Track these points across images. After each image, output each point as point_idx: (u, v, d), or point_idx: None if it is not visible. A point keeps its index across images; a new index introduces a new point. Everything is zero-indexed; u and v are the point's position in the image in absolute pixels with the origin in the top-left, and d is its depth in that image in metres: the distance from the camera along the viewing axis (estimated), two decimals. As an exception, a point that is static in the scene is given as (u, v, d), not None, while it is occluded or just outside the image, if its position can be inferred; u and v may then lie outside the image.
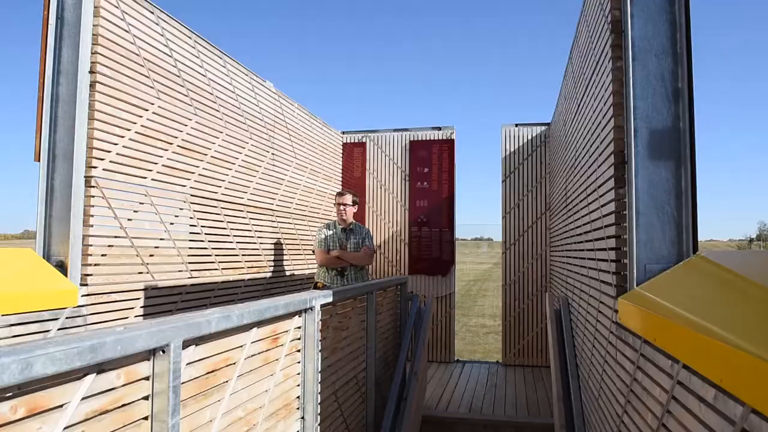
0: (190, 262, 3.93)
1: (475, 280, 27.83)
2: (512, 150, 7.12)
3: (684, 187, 2.34)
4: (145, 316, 3.44)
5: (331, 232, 5.02)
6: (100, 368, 1.31)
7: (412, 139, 7.30)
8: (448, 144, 7.20)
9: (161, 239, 3.65)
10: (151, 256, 3.54)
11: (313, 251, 4.95)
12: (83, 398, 1.26)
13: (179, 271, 3.82)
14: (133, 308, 3.37)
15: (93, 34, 3.15)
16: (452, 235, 7.10)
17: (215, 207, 4.24)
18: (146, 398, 1.47)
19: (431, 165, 7.17)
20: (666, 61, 2.38)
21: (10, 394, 1.09)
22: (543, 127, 7.08)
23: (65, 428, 1.22)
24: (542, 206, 6.96)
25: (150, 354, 1.47)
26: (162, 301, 3.62)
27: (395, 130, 7.43)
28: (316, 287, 4.92)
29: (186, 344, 1.59)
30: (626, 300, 2.32)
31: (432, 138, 7.25)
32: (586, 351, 3.59)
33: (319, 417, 2.64)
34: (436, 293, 7.03)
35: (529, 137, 7.09)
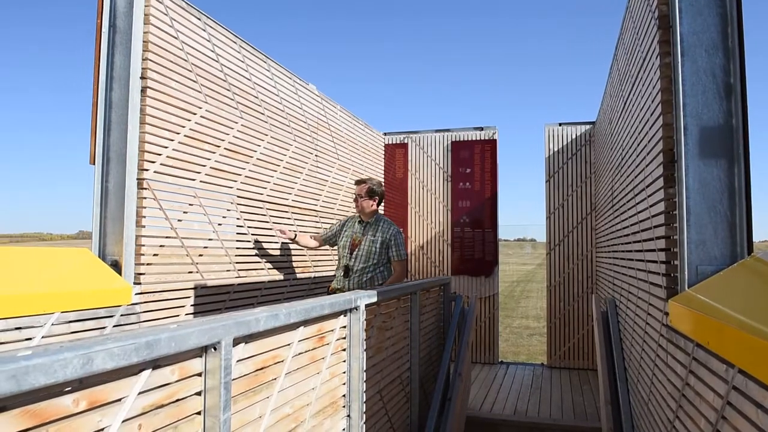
0: (237, 262, 4.01)
1: (518, 281, 27.49)
2: (556, 149, 7.01)
3: (738, 186, 2.26)
4: (195, 314, 3.53)
5: (349, 224, 4.53)
6: (155, 364, 1.36)
7: (453, 139, 7.27)
8: (491, 144, 7.14)
9: (209, 239, 3.74)
10: (200, 255, 3.64)
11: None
12: (140, 392, 1.31)
13: (227, 270, 3.91)
14: (183, 306, 3.46)
15: (143, 41, 3.25)
16: (495, 236, 7.04)
17: (261, 208, 4.32)
18: (199, 394, 1.52)
19: (473, 165, 7.13)
20: (717, 57, 2.30)
21: (72, 388, 1.14)
22: (587, 126, 6.95)
23: (123, 421, 1.27)
24: (587, 206, 6.83)
25: (202, 351, 1.51)
26: (211, 299, 3.71)
27: (437, 131, 7.42)
28: (329, 291, 4.46)
29: (236, 342, 1.63)
30: (677, 302, 2.26)
31: (474, 138, 7.21)
32: (635, 354, 3.51)
33: (364, 415, 2.66)
34: (479, 294, 6.99)
35: (573, 136, 6.97)
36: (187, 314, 3.49)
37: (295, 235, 4.54)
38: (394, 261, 4.26)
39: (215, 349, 1.52)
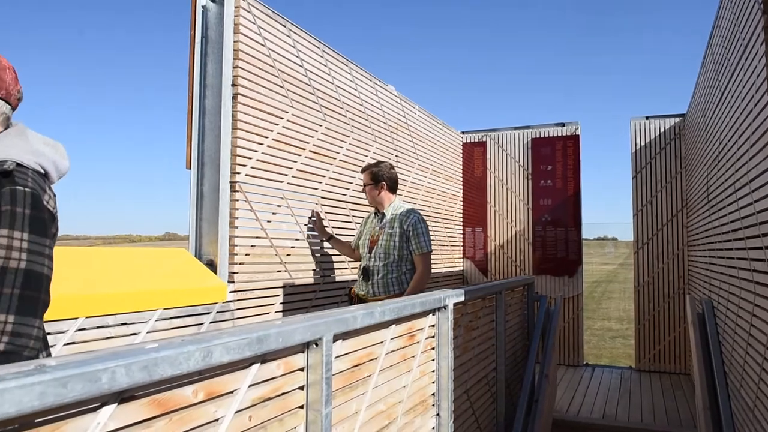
0: (322, 262, 4.11)
1: (599, 282, 26.53)
2: (643, 144, 6.72)
3: None
4: (283, 312, 3.65)
5: (369, 219, 3.91)
6: (263, 358, 1.41)
7: (534, 136, 7.13)
8: (573, 140, 6.95)
9: (297, 239, 3.85)
10: (288, 255, 3.75)
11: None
12: (250, 385, 1.37)
13: (313, 270, 4.01)
14: (273, 305, 3.58)
15: (234, 50, 3.38)
16: (579, 235, 6.84)
17: (344, 208, 4.40)
18: (301, 388, 1.57)
19: (555, 162, 6.96)
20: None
21: (192, 379, 1.21)
22: (677, 119, 6.62)
23: (236, 412, 1.33)
24: (678, 203, 6.51)
25: (304, 347, 1.56)
26: (298, 298, 3.82)
27: (516, 128, 7.29)
28: (349, 296, 3.86)
29: (335, 338, 1.67)
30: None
31: (555, 134, 7.03)
32: (737, 357, 3.31)
33: (453, 414, 2.65)
34: (562, 294, 6.81)
35: (661, 130, 6.66)
36: (276, 312, 3.61)
37: (331, 237, 4.08)
38: (414, 255, 3.57)
39: (317, 345, 1.56)
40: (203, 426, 1.24)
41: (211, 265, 3.28)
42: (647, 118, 6.75)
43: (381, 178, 3.71)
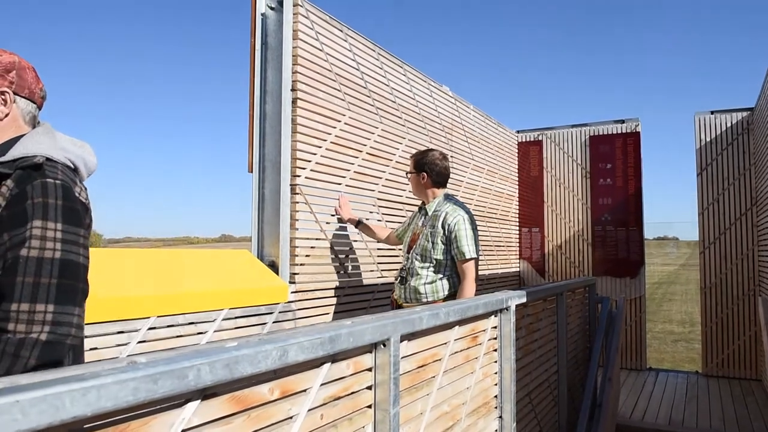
0: (379, 263, 4.13)
1: (660, 283, 25.61)
2: (708, 140, 6.46)
3: None
4: (343, 312, 3.69)
5: (415, 214, 3.55)
6: (334, 358, 1.44)
7: (592, 134, 6.96)
8: (633, 137, 6.74)
9: (355, 241, 3.89)
10: (346, 256, 3.79)
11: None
12: (322, 384, 1.40)
13: (371, 270, 4.04)
14: (333, 305, 3.63)
15: (293, 56, 3.45)
16: (641, 234, 6.63)
17: (401, 210, 4.41)
18: (369, 388, 1.59)
19: (614, 160, 6.77)
20: None
21: (268, 377, 1.24)
22: (744, 114, 6.33)
23: (308, 410, 1.35)
24: (747, 201, 6.22)
25: (372, 347, 1.58)
26: (357, 299, 3.86)
27: (573, 126, 7.14)
28: (392, 302, 3.51)
29: (401, 339, 1.68)
30: None
31: (614, 132, 6.84)
32: (818, 364, 3.14)
33: (515, 417, 2.62)
34: (624, 296, 6.61)
35: (728, 125, 6.38)
36: (336, 312, 3.66)
37: (359, 222, 3.74)
38: (457, 261, 3.16)
39: (384, 345, 1.58)
40: (278, 423, 1.27)
41: (273, 266, 3.35)
42: (712, 113, 6.48)
43: (423, 166, 3.32)
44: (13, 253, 1.27)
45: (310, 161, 3.49)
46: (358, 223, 3.76)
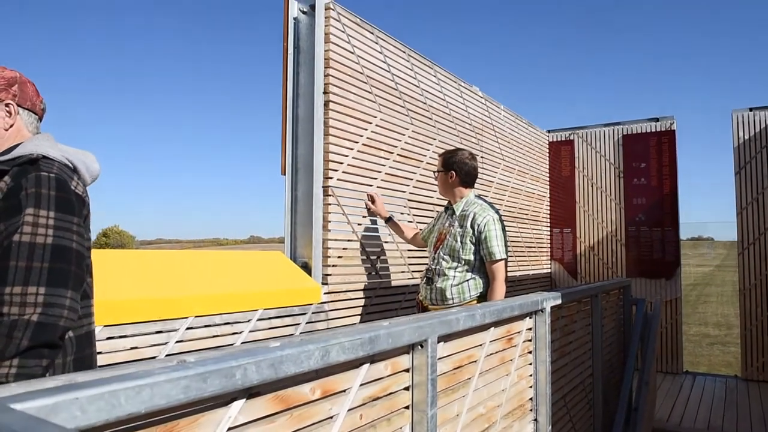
0: (410, 264, 4.14)
1: (695, 285, 25.03)
2: (747, 137, 6.30)
3: None
4: (374, 314, 3.71)
5: (443, 214, 3.50)
6: (372, 359, 1.45)
7: (625, 133, 6.85)
8: (668, 136, 6.62)
9: (386, 242, 3.90)
10: (378, 257, 3.81)
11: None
12: (361, 384, 1.41)
13: (401, 272, 4.05)
14: (365, 306, 3.65)
15: (324, 59, 3.47)
16: (676, 235, 6.50)
17: (432, 210, 4.41)
18: (407, 389, 1.60)
19: (649, 159, 6.65)
20: None
21: (310, 377, 1.26)
22: (785, 109, 6.16)
23: (348, 410, 1.37)
24: (789, 200, 6.05)
25: (409, 348, 1.59)
26: (388, 300, 3.87)
27: (605, 125, 7.04)
28: (417, 303, 3.47)
29: (438, 340, 1.68)
30: None
31: (648, 130, 6.72)
32: None
33: (550, 420, 2.60)
34: (660, 298, 6.48)
35: (767, 122, 6.21)
36: (367, 314, 3.67)
37: (390, 218, 3.75)
38: (486, 262, 3.11)
39: (422, 346, 1.58)
40: (319, 423, 1.29)
41: (306, 268, 3.38)
42: (751, 109, 6.32)
43: (451, 165, 3.29)
44: (8, 240, 1.32)
45: (342, 163, 3.52)
46: (389, 219, 3.76)
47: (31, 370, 1.26)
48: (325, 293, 3.34)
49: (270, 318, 3.00)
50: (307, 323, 3.20)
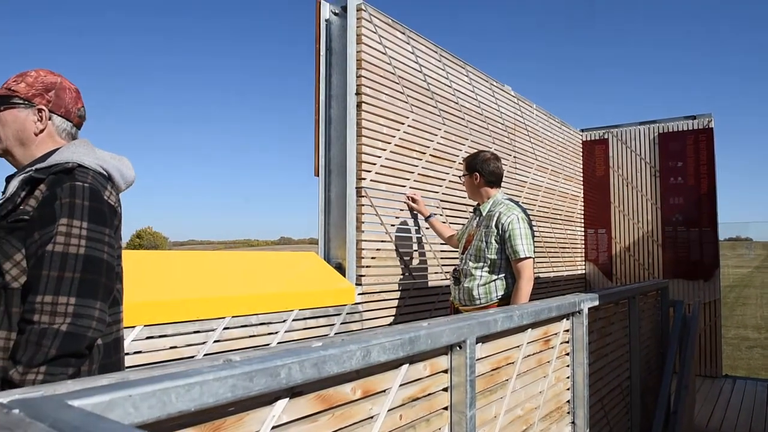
0: (443, 264, 4.12)
1: (733, 287, 24.36)
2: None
3: None
4: (408, 314, 3.70)
5: (472, 216, 3.53)
6: (412, 359, 1.45)
7: (661, 131, 6.71)
8: (706, 133, 6.46)
9: (419, 243, 3.89)
10: (411, 258, 3.81)
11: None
12: (400, 385, 1.41)
13: (435, 273, 4.03)
14: (399, 306, 3.65)
15: (357, 60, 3.49)
16: (715, 235, 6.34)
17: (464, 211, 4.39)
18: (445, 390, 1.59)
19: (686, 158, 6.50)
20: None
21: (351, 377, 1.27)
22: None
23: (388, 410, 1.37)
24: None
25: (448, 349, 1.58)
26: (421, 300, 3.86)
27: (641, 123, 6.90)
28: (450, 305, 3.49)
29: (476, 341, 1.67)
30: None
31: (685, 128, 6.57)
32: None
33: (588, 423, 2.57)
34: (699, 299, 6.33)
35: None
36: (401, 314, 3.67)
37: (430, 216, 3.81)
38: (512, 260, 3.09)
39: (460, 347, 1.58)
40: (360, 423, 1.29)
41: (340, 268, 3.40)
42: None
43: (475, 167, 3.31)
44: (42, 249, 1.35)
45: (375, 164, 3.52)
46: (429, 217, 3.81)
47: (57, 378, 1.28)
48: (359, 294, 3.35)
49: (305, 318, 3.02)
50: (341, 324, 3.21)
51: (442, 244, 4.08)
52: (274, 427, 1.08)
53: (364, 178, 3.44)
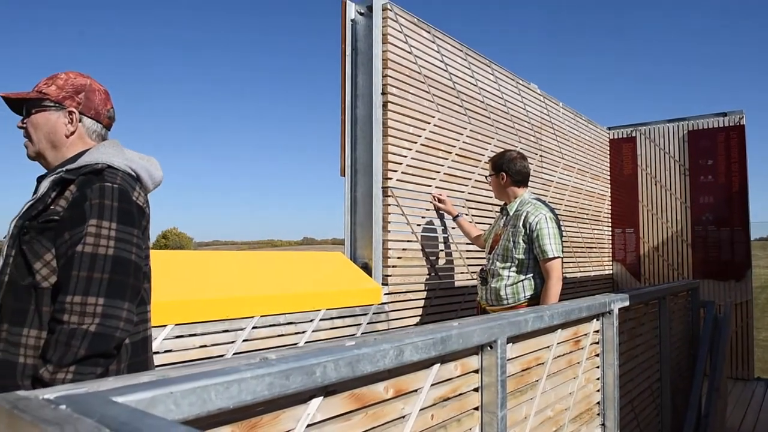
0: (469, 264, 4.11)
1: (764, 287, 23.71)
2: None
3: None
4: (434, 315, 3.69)
5: (499, 215, 3.48)
6: (443, 359, 1.45)
7: (690, 128, 6.58)
8: (737, 131, 6.32)
9: (445, 243, 3.88)
10: (437, 258, 3.80)
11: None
12: (432, 385, 1.41)
13: (461, 273, 4.02)
14: (425, 307, 3.64)
15: (382, 60, 3.49)
16: (747, 235, 6.20)
17: (490, 211, 4.36)
18: (476, 390, 1.58)
19: (716, 156, 6.37)
20: None
21: (383, 376, 1.27)
22: None
23: (420, 410, 1.37)
24: None
25: (478, 349, 1.58)
26: (447, 301, 3.85)
27: (669, 121, 6.78)
28: (477, 305, 3.45)
29: (507, 341, 1.66)
30: None
31: (715, 126, 6.44)
32: None
33: (618, 425, 2.53)
34: (731, 300, 6.20)
35: None
36: (427, 314, 3.66)
37: (458, 215, 3.81)
38: (540, 260, 3.06)
39: (491, 347, 1.57)
40: (392, 422, 1.30)
41: (366, 268, 3.40)
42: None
43: (501, 166, 3.27)
44: (71, 249, 1.37)
45: (401, 164, 3.52)
46: (456, 217, 3.81)
47: (86, 377, 1.30)
48: (385, 294, 3.35)
49: (332, 318, 3.04)
50: (368, 324, 3.22)
51: (468, 244, 4.06)
52: (308, 426, 1.09)
53: (390, 178, 3.44)
